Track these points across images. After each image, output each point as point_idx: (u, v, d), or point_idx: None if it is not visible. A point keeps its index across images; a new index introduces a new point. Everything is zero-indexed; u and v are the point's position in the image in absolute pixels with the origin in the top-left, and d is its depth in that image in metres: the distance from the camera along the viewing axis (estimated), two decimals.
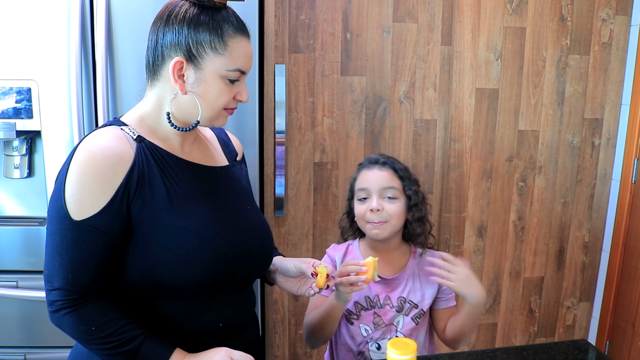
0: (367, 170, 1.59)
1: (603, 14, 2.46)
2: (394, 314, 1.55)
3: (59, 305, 1.06)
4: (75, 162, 1.06)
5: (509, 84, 2.45)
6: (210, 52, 1.12)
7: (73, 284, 1.06)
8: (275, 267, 1.39)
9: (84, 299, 1.07)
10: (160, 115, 1.18)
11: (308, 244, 2.43)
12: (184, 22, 1.11)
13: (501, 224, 2.58)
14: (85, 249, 1.05)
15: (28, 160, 1.96)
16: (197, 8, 1.12)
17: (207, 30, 1.11)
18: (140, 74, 1.85)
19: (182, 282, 1.12)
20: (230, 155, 1.36)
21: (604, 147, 2.59)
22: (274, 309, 2.43)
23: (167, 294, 1.14)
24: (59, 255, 1.05)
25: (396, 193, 1.55)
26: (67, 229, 1.05)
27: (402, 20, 2.33)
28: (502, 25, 2.39)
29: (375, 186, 1.54)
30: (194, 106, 1.15)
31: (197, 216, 1.14)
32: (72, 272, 1.06)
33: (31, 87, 1.84)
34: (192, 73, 1.13)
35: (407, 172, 1.60)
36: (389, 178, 1.56)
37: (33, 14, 1.81)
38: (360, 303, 1.57)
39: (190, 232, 1.12)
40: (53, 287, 1.07)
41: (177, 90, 1.13)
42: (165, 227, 1.10)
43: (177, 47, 1.11)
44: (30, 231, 1.93)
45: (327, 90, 2.33)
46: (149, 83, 1.19)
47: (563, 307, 2.73)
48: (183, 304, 1.17)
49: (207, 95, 1.14)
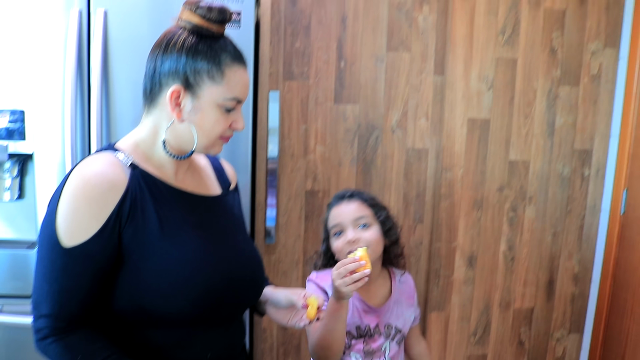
0: (336, 206, 1.62)
1: (592, 47, 2.50)
2: (382, 340, 1.57)
3: (45, 333, 1.05)
4: (68, 187, 1.05)
5: (500, 114, 2.47)
6: (207, 80, 1.12)
7: (61, 312, 1.04)
8: (266, 297, 1.38)
9: (71, 327, 1.05)
10: (155, 142, 1.17)
11: (298, 272, 2.42)
12: (183, 50, 1.11)
13: (491, 254, 2.58)
14: (74, 276, 1.04)
15: (19, 183, 1.95)
16: (195, 37, 1.13)
17: (205, 59, 1.11)
18: (134, 99, 1.86)
19: (172, 311, 1.11)
20: (223, 184, 1.35)
21: (594, 178, 2.61)
22: (263, 338, 2.41)
23: (155, 323, 1.13)
24: (48, 282, 1.04)
25: (369, 220, 1.57)
26: (57, 255, 1.03)
27: (395, 50, 2.36)
28: (494, 56, 2.42)
29: (347, 218, 1.56)
30: (189, 134, 1.15)
31: (189, 245, 1.14)
32: (60, 299, 1.04)
33: (25, 109, 1.84)
34: (189, 101, 1.13)
35: (375, 200, 1.63)
36: (358, 208, 1.58)
37: (30, 36, 1.82)
38: (351, 332, 1.57)
39: (181, 261, 1.11)
40: (40, 314, 1.05)
41: (174, 118, 1.13)
42: (156, 255, 1.09)
43: (175, 75, 1.12)
44: (18, 255, 1.90)
45: (320, 118, 2.34)
46: (146, 110, 1.18)
47: (553, 338, 2.73)
48: (172, 334, 1.15)
49: (204, 124, 1.14)
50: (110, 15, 1.83)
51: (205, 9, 1.12)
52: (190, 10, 1.13)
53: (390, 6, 2.33)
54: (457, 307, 2.59)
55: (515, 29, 2.42)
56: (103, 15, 1.81)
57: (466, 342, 2.64)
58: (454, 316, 2.60)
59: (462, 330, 2.62)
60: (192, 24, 1.12)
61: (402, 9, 2.34)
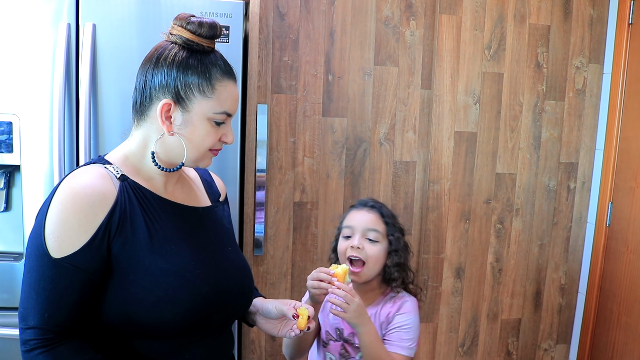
0: (355, 210, 1.66)
1: (577, 62, 2.54)
2: (355, 349, 1.58)
3: (33, 344, 1.04)
4: (57, 199, 1.05)
5: (487, 128, 2.50)
6: (198, 95, 1.13)
7: (48, 323, 1.04)
8: (256, 308, 1.39)
9: (59, 338, 1.05)
10: (145, 155, 1.18)
11: (286, 283, 2.42)
12: (173, 65, 1.13)
13: (479, 266, 2.60)
14: (63, 287, 1.04)
15: (5, 195, 1.94)
16: (186, 51, 1.14)
17: (196, 73, 1.13)
18: (123, 111, 1.87)
19: (161, 323, 1.11)
20: (213, 196, 1.36)
21: (579, 191, 2.64)
22: (251, 349, 2.40)
23: (144, 334, 1.13)
24: (36, 293, 1.04)
25: (378, 236, 1.60)
26: (45, 266, 1.04)
27: (383, 64, 2.38)
28: (480, 71, 2.45)
29: (360, 226, 1.60)
30: (179, 147, 1.16)
31: (178, 256, 1.14)
32: (49, 310, 1.04)
33: (12, 121, 1.84)
34: (180, 115, 1.14)
35: (394, 219, 1.66)
36: (374, 220, 1.61)
37: (18, 49, 1.82)
38: (330, 333, 1.61)
39: (170, 273, 1.11)
40: (28, 326, 1.05)
41: (164, 131, 1.14)
42: (145, 266, 1.10)
43: (166, 89, 1.13)
44: (4, 267, 1.89)
45: (308, 131, 2.35)
46: (135, 123, 1.19)
47: (540, 349, 2.74)
48: (160, 345, 1.15)
49: (194, 137, 1.15)
50: (99, 28, 1.84)
51: (196, 25, 1.14)
52: (181, 25, 1.15)
53: (378, 21, 2.35)
54: (445, 318, 2.60)
55: (501, 44, 2.45)
56: (92, 28, 1.83)
57: (454, 353, 2.64)
58: (442, 327, 2.60)
59: (450, 341, 2.62)
60: (183, 39, 1.14)
61: (390, 23, 2.36)
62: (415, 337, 1.59)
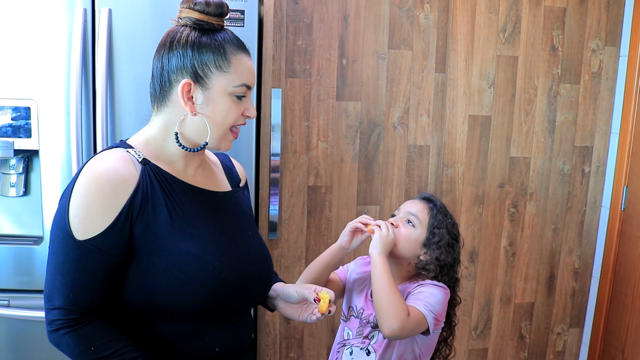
0: (413, 200, 1.67)
1: (593, 45, 2.52)
2: (370, 329, 1.57)
3: (59, 324, 1.06)
4: (80, 182, 1.07)
5: (501, 112, 2.49)
6: (215, 71, 1.14)
7: (74, 304, 1.06)
8: (277, 292, 1.39)
9: (84, 319, 1.07)
10: (166, 139, 1.19)
11: (301, 267, 2.43)
12: (187, 45, 1.14)
13: (492, 250, 2.60)
14: (87, 269, 1.06)
15: (24, 179, 1.96)
16: (197, 31, 1.15)
17: (210, 50, 1.14)
18: (139, 96, 1.88)
19: (181, 305, 1.13)
20: (233, 181, 1.37)
21: (594, 175, 2.63)
22: (266, 331, 2.43)
23: (165, 317, 1.14)
24: (61, 275, 1.06)
25: (417, 223, 1.57)
26: (69, 248, 1.05)
27: (397, 48, 2.37)
28: (494, 54, 2.44)
29: (407, 209, 1.61)
30: (202, 127, 1.17)
31: (199, 240, 1.15)
32: (73, 291, 1.06)
33: (30, 106, 1.85)
34: (200, 94, 1.15)
35: (442, 216, 1.62)
36: (421, 209, 1.60)
37: (35, 34, 1.83)
38: (353, 309, 1.62)
39: (191, 255, 1.13)
40: (53, 306, 1.07)
41: (187, 112, 1.15)
42: (166, 249, 1.11)
43: (184, 70, 1.14)
44: (24, 250, 1.92)
45: (322, 115, 2.35)
46: (155, 109, 1.20)
47: (553, 333, 2.75)
48: (180, 327, 1.17)
49: (216, 115, 1.16)
50: (115, 13, 1.85)
51: (203, 4, 1.15)
52: (189, 7, 1.16)
53: (392, 4, 2.34)
54: None
55: (516, 27, 2.44)
56: (107, 13, 1.83)
57: (467, 337, 2.66)
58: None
59: (463, 324, 2.64)
60: (192, 20, 1.15)
61: (404, 7, 2.35)
62: (436, 305, 1.48)
